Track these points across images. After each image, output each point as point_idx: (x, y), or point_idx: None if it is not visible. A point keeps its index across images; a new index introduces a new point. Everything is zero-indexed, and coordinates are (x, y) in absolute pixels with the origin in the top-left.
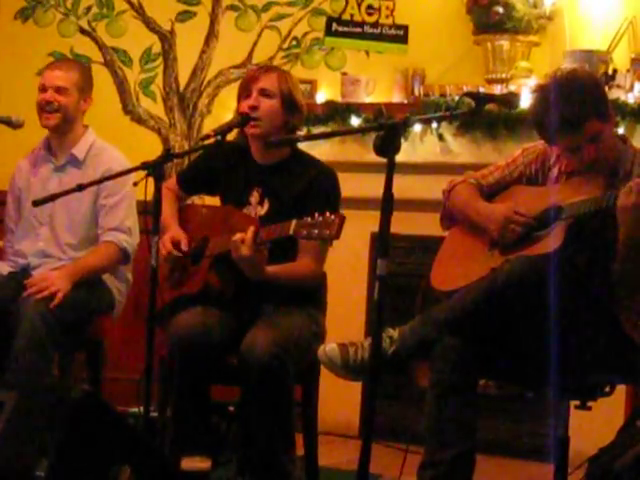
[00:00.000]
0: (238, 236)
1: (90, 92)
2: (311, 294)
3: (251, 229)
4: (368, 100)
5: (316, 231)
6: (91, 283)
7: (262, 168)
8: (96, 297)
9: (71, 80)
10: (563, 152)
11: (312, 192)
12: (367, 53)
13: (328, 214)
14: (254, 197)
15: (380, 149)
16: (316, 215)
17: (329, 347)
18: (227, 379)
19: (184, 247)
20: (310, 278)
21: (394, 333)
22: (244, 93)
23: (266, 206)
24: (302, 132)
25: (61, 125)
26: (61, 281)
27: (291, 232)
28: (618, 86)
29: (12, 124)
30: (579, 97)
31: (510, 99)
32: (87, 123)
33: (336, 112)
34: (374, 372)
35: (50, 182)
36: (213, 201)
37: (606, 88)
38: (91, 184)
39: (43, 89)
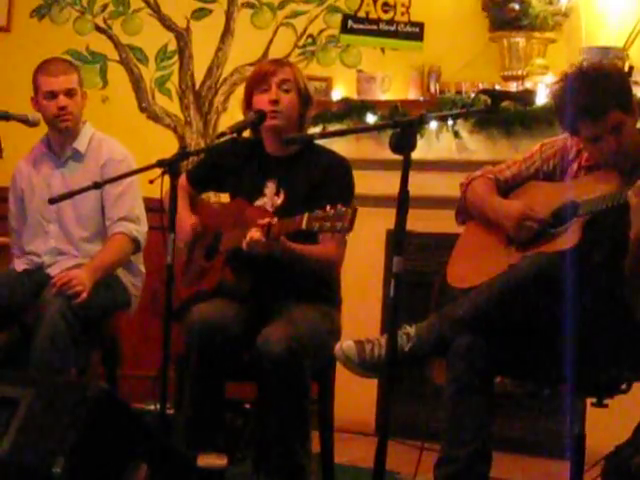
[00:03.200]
0: (250, 236)
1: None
2: (326, 291)
3: (257, 231)
4: (384, 97)
5: (328, 224)
6: (107, 281)
7: (276, 160)
8: (112, 294)
9: (75, 81)
10: (584, 142)
11: (327, 182)
12: (383, 50)
13: (340, 206)
14: (269, 189)
15: (396, 146)
16: (328, 208)
17: (345, 344)
18: (243, 376)
19: (198, 228)
20: (329, 261)
21: (411, 330)
22: (261, 87)
23: (282, 197)
24: (316, 129)
25: (75, 125)
26: (86, 281)
27: (303, 226)
28: (635, 82)
29: (29, 122)
30: (603, 86)
31: (526, 96)
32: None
33: (352, 109)
34: (390, 369)
35: (53, 179)
36: (224, 198)
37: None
38: (108, 181)
39: (53, 96)
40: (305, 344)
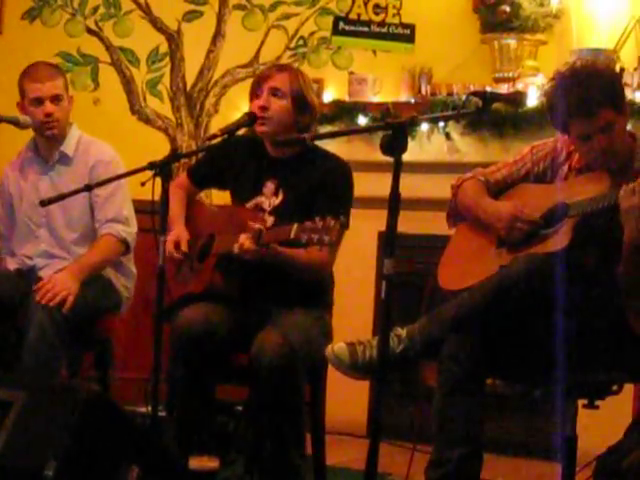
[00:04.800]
0: (239, 243)
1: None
2: (317, 294)
3: (248, 238)
4: (375, 99)
5: (316, 236)
6: (97, 282)
7: (276, 160)
8: (103, 296)
9: (61, 86)
10: (574, 141)
11: (325, 187)
12: (374, 52)
13: (329, 219)
14: (268, 188)
15: (387, 148)
16: (317, 219)
17: (337, 346)
18: (234, 379)
19: (183, 248)
20: (319, 266)
21: (402, 332)
22: (255, 92)
23: (281, 197)
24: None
25: (61, 131)
26: (70, 283)
27: (292, 236)
28: (625, 84)
29: (20, 124)
30: (596, 84)
31: (517, 98)
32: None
33: (343, 111)
34: (382, 371)
35: (42, 183)
36: (221, 197)
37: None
38: (100, 184)
39: (40, 102)
40: (299, 349)
